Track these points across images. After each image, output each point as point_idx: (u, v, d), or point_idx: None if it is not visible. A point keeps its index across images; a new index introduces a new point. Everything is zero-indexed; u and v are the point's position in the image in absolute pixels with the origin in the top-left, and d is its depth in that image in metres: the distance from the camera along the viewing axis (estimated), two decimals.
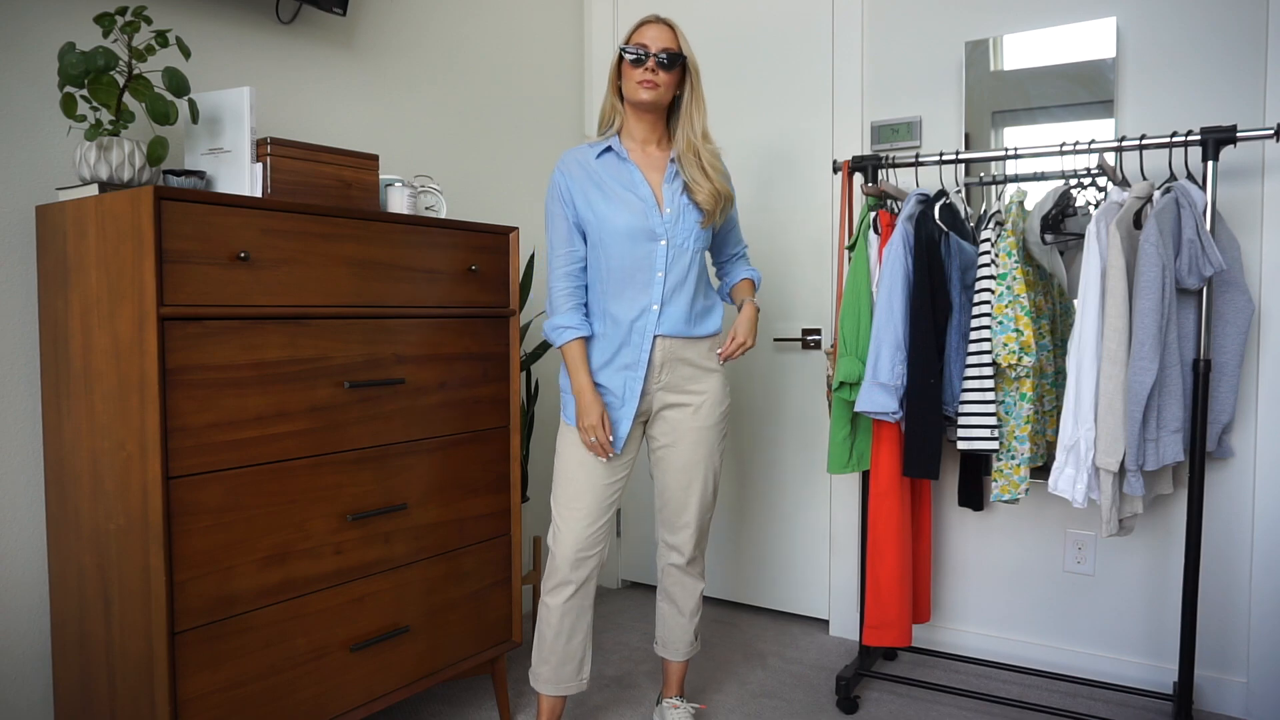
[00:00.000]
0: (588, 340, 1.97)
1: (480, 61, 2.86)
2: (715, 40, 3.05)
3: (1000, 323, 2.06)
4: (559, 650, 2.00)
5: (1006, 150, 2.22)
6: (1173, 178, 2.07)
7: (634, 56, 1.90)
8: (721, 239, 2.14)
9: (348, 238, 1.81)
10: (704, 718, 2.30)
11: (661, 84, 1.91)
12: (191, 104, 1.73)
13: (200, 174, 1.75)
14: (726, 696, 2.43)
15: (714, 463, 2.06)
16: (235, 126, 1.76)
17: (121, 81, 1.68)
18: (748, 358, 3.03)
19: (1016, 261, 2.08)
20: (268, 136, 1.76)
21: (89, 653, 1.68)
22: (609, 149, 1.98)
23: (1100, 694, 2.45)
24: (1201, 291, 2.00)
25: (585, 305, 1.99)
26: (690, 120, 1.96)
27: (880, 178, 2.43)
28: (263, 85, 2.21)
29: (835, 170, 2.50)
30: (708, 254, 2.12)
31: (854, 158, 2.46)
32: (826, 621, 2.96)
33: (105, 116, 1.81)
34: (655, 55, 1.89)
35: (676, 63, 1.92)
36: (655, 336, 1.96)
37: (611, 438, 1.94)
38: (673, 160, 1.98)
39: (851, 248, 2.38)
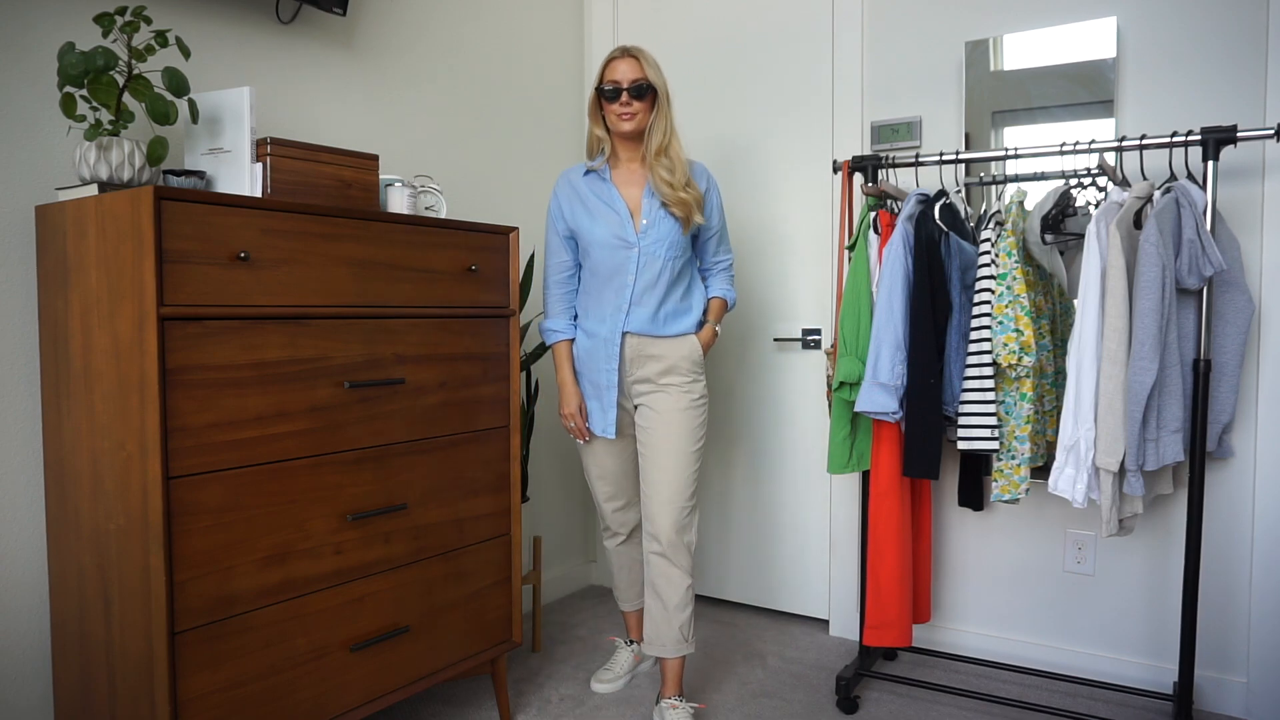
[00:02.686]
0: (574, 340, 2.28)
1: (480, 61, 2.86)
2: (715, 40, 3.05)
3: (1000, 323, 2.06)
4: (624, 579, 2.47)
5: (1006, 150, 2.22)
6: (1173, 178, 2.07)
7: (609, 92, 2.15)
8: (702, 245, 2.32)
9: (348, 238, 1.81)
10: (703, 717, 2.30)
11: (638, 112, 2.15)
12: (191, 104, 1.73)
13: (200, 174, 1.75)
14: (726, 696, 2.43)
15: (686, 451, 2.19)
16: (235, 126, 1.76)
17: (121, 81, 1.68)
18: (748, 357, 3.04)
19: (1016, 261, 2.08)
20: (268, 136, 1.76)
21: (89, 653, 1.68)
22: (592, 167, 2.23)
23: (1100, 694, 2.45)
24: (1201, 291, 2.00)
25: (574, 309, 2.29)
26: (651, 138, 2.17)
27: (880, 178, 2.43)
28: (263, 85, 2.21)
29: (835, 170, 2.50)
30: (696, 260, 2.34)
31: (854, 158, 2.46)
32: (826, 621, 2.96)
33: (105, 116, 1.80)
34: (627, 89, 2.13)
35: (648, 91, 2.14)
36: (624, 334, 2.20)
37: (589, 424, 2.28)
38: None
39: (851, 248, 2.38)
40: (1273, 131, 1.95)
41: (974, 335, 2.11)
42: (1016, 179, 2.28)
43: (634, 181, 2.22)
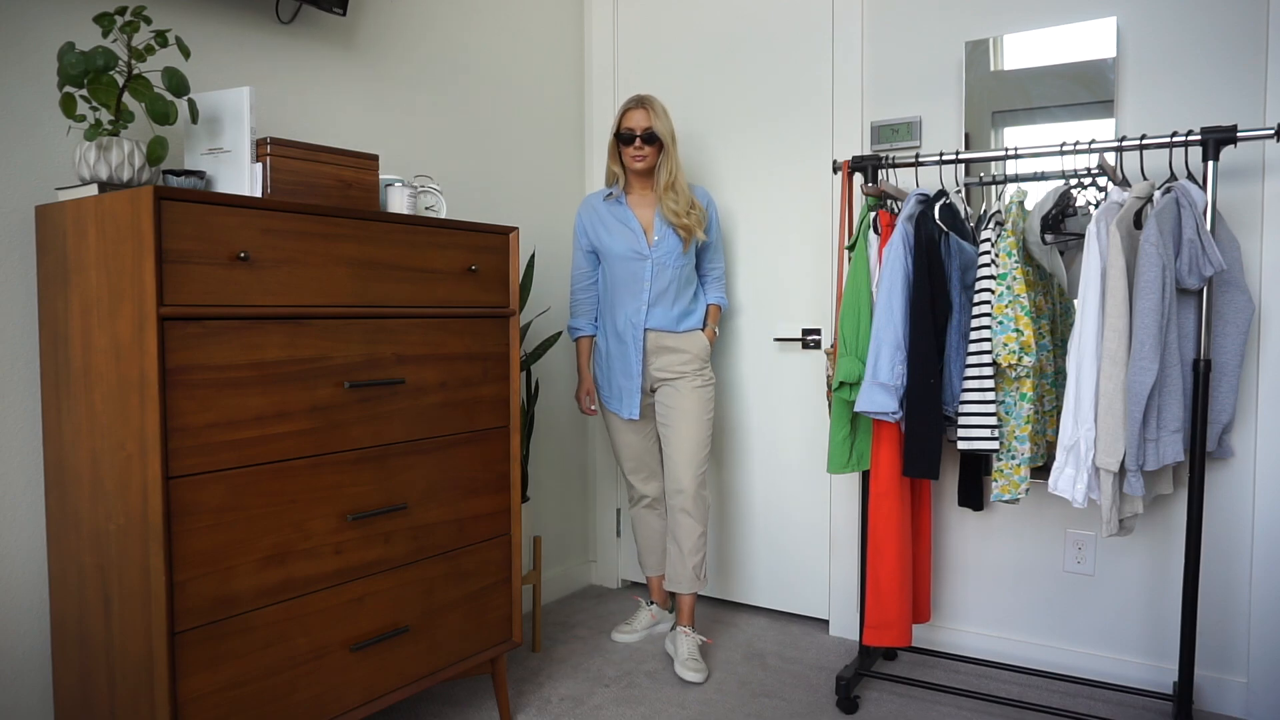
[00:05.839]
0: (594, 337, 2.75)
1: (481, 62, 2.86)
2: (715, 40, 3.05)
3: (1000, 323, 2.06)
4: (645, 544, 2.84)
5: (1006, 150, 2.22)
6: (1173, 178, 2.07)
7: (625, 136, 2.58)
8: (700, 255, 2.73)
9: (348, 238, 1.81)
10: (709, 651, 2.71)
11: (648, 155, 2.58)
12: (191, 104, 1.73)
13: (200, 174, 1.75)
14: (726, 696, 2.43)
15: (699, 423, 2.63)
16: (235, 126, 1.76)
17: (121, 81, 1.68)
18: (748, 357, 3.04)
19: (1016, 261, 2.08)
20: (267, 136, 1.76)
21: (89, 652, 1.68)
22: (610, 194, 2.67)
23: (1100, 694, 2.45)
24: (1201, 291, 2.00)
25: (594, 311, 2.74)
26: (660, 175, 2.60)
27: (880, 178, 2.43)
28: (263, 85, 2.21)
29: (835, 170, 2.50)
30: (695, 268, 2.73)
31: (854, 158, 2.46)
32: (826, 621, 2.96)
33: (105, 116, 1.81)
34: (640, 135, 2.56)
35: (656, 138, 2.56)
36: (645, 330, 2.62)
37: (617, 407, 2.68)
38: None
39: (851, 248, 2.38)
40: (1273, 131, 1.95)
41: (974, 335, 2.11)
42: (1016, 179, 2.27)
43: (646, 204, 2.66)
